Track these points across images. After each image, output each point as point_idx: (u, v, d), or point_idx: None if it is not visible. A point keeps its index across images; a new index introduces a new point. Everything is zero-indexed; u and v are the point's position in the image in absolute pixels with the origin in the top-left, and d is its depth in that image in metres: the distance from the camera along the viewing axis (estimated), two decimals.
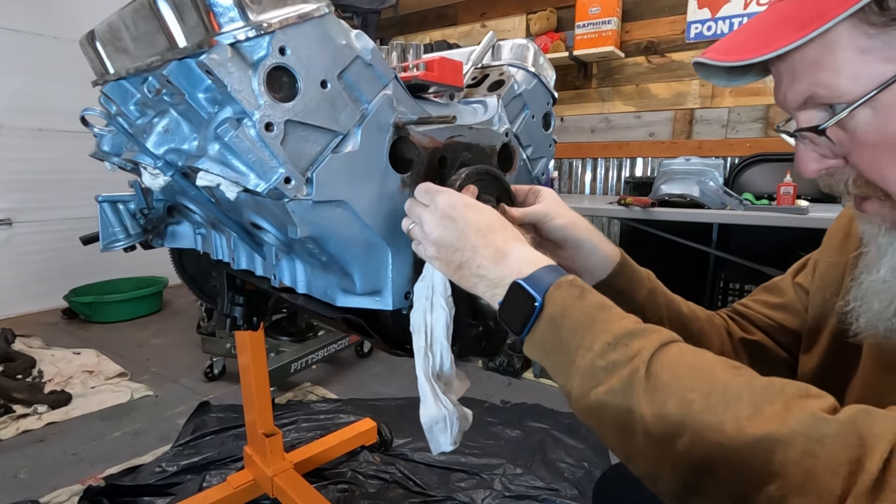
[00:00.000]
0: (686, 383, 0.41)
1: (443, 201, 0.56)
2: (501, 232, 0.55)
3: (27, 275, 3.45)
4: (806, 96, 0.47)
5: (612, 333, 0.46)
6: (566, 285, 0.49)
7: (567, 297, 0.49)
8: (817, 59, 0.44)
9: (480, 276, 0.53)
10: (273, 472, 1.51)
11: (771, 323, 0.74)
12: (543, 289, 0.49)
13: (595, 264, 0.68)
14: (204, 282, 1.22)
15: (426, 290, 0.60)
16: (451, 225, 0.55)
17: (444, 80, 0.68)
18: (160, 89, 0.54)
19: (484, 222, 0.55)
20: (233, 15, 0.46)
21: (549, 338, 0.49)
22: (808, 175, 0.52)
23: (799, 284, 0.73)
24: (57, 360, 2.61)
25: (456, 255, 0.54)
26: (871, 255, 0.54)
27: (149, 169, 0.59)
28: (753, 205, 2.22)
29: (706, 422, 0.39)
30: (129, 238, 0.93)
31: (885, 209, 0.49)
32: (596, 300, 0.49)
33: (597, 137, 3.26)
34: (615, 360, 0.44)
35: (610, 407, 0.43)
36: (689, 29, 2.86)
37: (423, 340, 0.59)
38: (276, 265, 0.69)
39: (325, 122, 0.52)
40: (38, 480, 1.72)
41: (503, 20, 3.49)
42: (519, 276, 0.51)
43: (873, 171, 0.47)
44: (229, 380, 2.46)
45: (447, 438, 0.57)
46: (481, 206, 0.57)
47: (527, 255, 0.53)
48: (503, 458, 1.79)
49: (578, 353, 0.46)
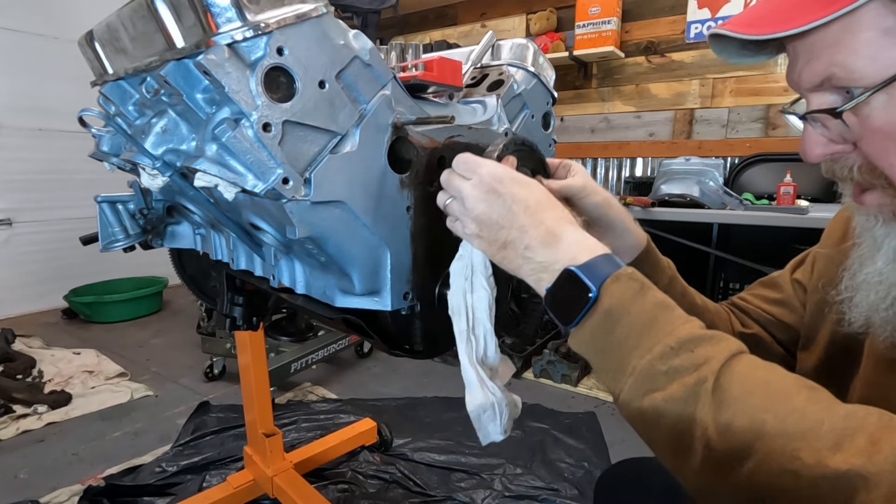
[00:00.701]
0: (758, 402, 0.38)
1: (487, 174, 0.52)
2: (552, 211, 0.51)
3: (27, 275, 3.45)
4: (822, 77, 0.45)
5: (675, 337, 0.43)
6: (626, 278, 0.46)
7: (626, 291, 0.46)
8: (838, 39, 0.43)
9: (527, 258, 0.50)
10: (273, 472, 1.51)
11: (768, 318, 0.74)
12: (600, 280, 0.46)
13: (623, 247, 0.67)
14: (204, 282, 1.22)
15: (465, 271, 0.56)
16: (496, 201, 0.51)
17: (443, 80, 0.68)
18: (158, 90, 0.54)
19: (533, 199, 0.51)
20: (230, 15, 0.46)
21: (602, 333, 0.46)
22: (813, 159, 0.50)
23: (797, 281, 0.72)
24: (57, 360, 2.61)
25: (501, 234, 0.51)
26: (865, 246, 0.54)
27: (147, 169, 0.59)
28: (753, 205, 2.22)
29: (780, 447, 0.36)
30: (129, 238, 0.93)
31: (887, 199, 0.48)
32: (658, 298, 0.46)
33: (597, 137, 3.26)
34: (678, 366, 0.42)
35: (668, 415, 0.41)
36: (689, 29, 2.86)
37: (464, 323, 0.55)
38: (275, 265, 0.69)
39: (324, 123, 0.52)
40: (38, 480, 1.72)
41: (503, 20, 3.49)
42: (572, 262, 0.48)
43: (882, 159, 0.45)
44: (229, 380, 2.46)
45: (496, 427, 0.53)
46: (529, 180, 0.53)
47: (581, 239, 0.49)
48: (503, 458, 1.79)
49: (634, 354, 0.44)
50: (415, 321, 0.67)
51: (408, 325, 0.67)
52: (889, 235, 0.50)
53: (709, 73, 2.86)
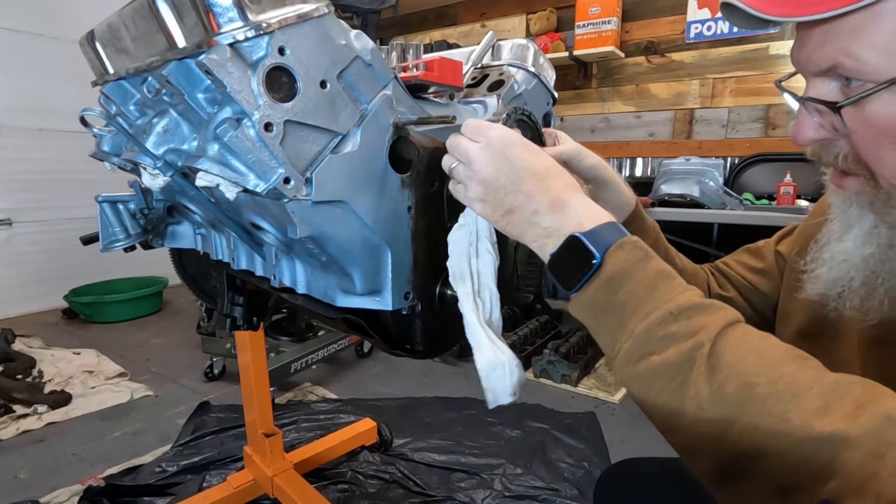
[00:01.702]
0: (751, 367, 0.40)
1: (497, 138, 0.52)
2: (560, 178, 0.51)
3: (27, 275, 3.45)
4: (831, 64, 0.45)
5: (674, 304, 0.44)
6: (630, 246, 0.47)
7: (630, 258, 0.46)
8: (857, 27, 0.42)
9: (533, 223, 0.50)
10: (273, 472, 1.51)
11: (747, 284, 0.76)
12: (604, 247, 0.47)
13: (615, 205, 0.70)
14: (204, 282, 1.22)
15: (468, 237, 0.56)
16: (504, 165, 0.51)
17: (443, 80, 0.68)
18: (160, 89, 0.54)
19: (542, 166, 0.51)
20: (232, 15, 0.46)
21: (603, 298, 0.47)
22: (803, 143, 0.51)
23: (779, 252, 0.74)
24: (57, 360, 2.61)
25: (508, 199, 0.51)
26: (836, 223, 0.55)
27: (148, 169, 0.59)
28: (753, 205, 2.22)
29: (768, 409, 0.38)
30: (129, 238, 0.93)
31: (867, 188, 0.49)
32: (660, 266, 0.47)
33: (597, 137, 3.26)
34: (675, 332, 0.43)
35: (662, 378, 0.42)
36: (689, 29, 2.86)
37: (469, 286, 0.55)
38: (276, 265, 0.69)
39: (325, 123, 0.52)
40: (38, 480, 1.72)
41: (503, 20, 3.50)
42: (578, 229, 0.48)
43: (870, 152, 0.46)
44: (229, 380, 2.46)
45: (505, 387, 0.52)
46: (538, 148, 0.53)
47: (587, 206, 0.50)
48: (503, 458, 1.79)
49: (634, 318, 0.45)
50: (415, 321, 0.67)
51: (408, 324, 0.67)
52: (861, 219, 0.52)
53: (709, 73, 2.86)
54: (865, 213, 0.51)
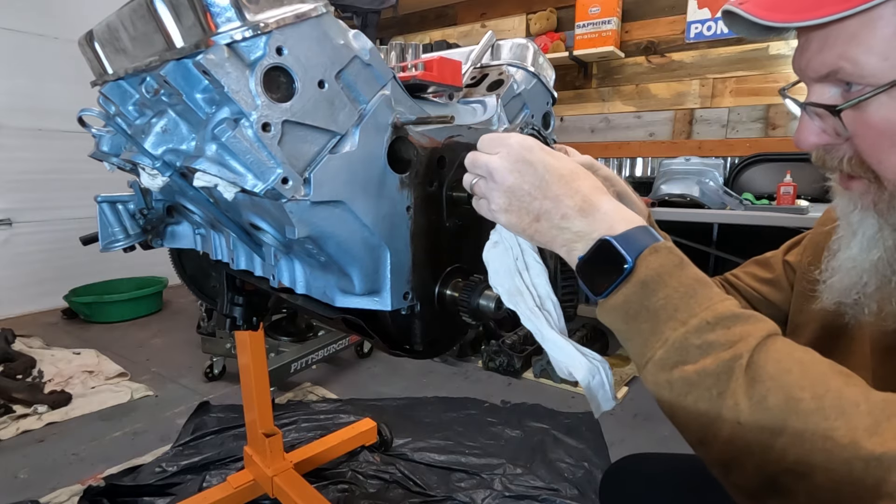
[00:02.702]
0: (794, 379, 0.39)
1: (517, 143, 0.51)
2: (586, 180, 0.50)
3: (27, 275, 3.45)
4: (830, 69, 0.45)
5: (712, 312, 0.43)
6: (665, 251, 0.46)
7: (665, 263, 0.45)
8: (855, 32, 0.43)
9: (562, 227, 0.49)
10: (273, 472, 1.51)
11: (756, 295, 0.76)
12: (637, 251, 0.45)
13: None
14: (203, 282, 1.22)
15: (510, 253, 0.55)
16: (528, 170, 0.50)
17: (442, 80, 0.68)
18: (158, 90, 0.54)
19: (567, 169, 0.50)
20: (230, 15, 0.46)
21: (635, 302, 0.45)
22: (806, 148, 0.51)
23: (788, 262, 0.74)
24: (57, 360, 2.61)
25: (534, 205, 0.50)
26: (842, 230, 0.55)
27: (147, 169, 0.59)
28: (753, 205, 2.22)
29: (814, 425, 0.37)
30: (129, 238, 0.93)
31: (872, 190, 0.49)
32: (696, 273, 0.46)
33: (597, 137, 3.26)
34: (713, 341, 0.41)
35: (698, 388, 0.41)
36: (689, 29, 2.86)
37: (530, 301, 0.53)
38: (275, 265, 0.69)
39: (323, 123, 0.52)
40: (38, 480, 1.72)
41: (503, 20, 3.49)
42: (609, 232, 0.47)
43: (872, 155, 0.46)
44: (229, 380, 2.46)
45: (607, 393, 0.50)
46: (559, 152, 0.52)
47: (618, 209, 0.49)
48: (503, 458, 1.79)
49: (668, 325, 0.43)
50: (415, 321, 0.67)
51: (408, 324, 0.67)
52: (863, 223, 0.52)
53: (709, 73, 2.86)
54: (867, 217, 0.51)
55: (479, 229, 0.73)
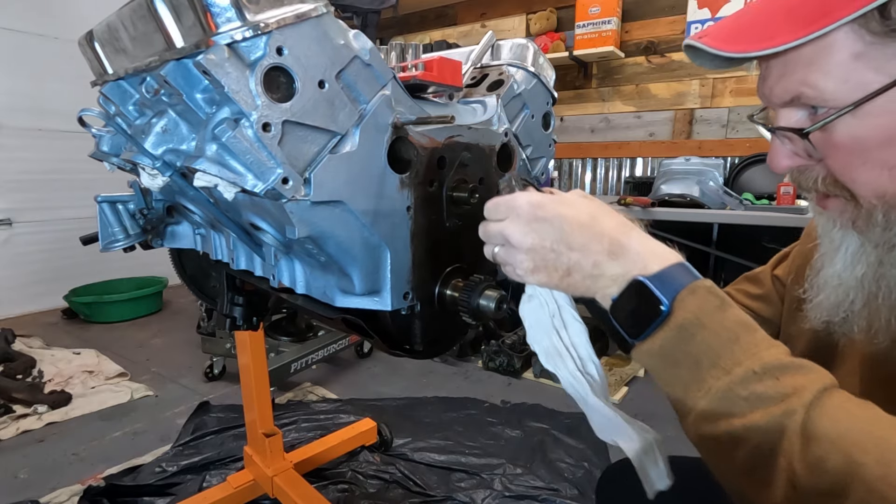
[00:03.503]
0: (855, 440, 0.36)
1: (526, 203, 0.49)
2: (609, 219, 0.48)
3: (27, 275, 3.45)
4: (793, 95, 0.47)
5: (759, 361, 0.40)
6: (704, 291, 0.44)
7: (704, 305, 0.43)
8: (811, 59, 0.44)
9: (596, 276, 0.47)
10: (273, 472, 1.51)
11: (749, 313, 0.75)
12: (673, 291, 0.43)
13: None
14: (204, 282, 1.22)
15: (545, 308, 0.52)
16: (545, 227, 0.48)
17: (442, 80, 0.68)
18: (158, 90, 0.54)
19: (584, 213, 0.48)
20: (230, 15, 0.46)
21: (673, 348, 0.43)
22: (780, 171, 0.52)
23: (777, 277, 0.75)
24: (57, 360, 2.61)
25: (562, 260, 0.47)
26: (824, 247, 0.55)
27: (147, 169, 0.59)
28: (753, 205, 2.22)
29: (881, 493, 0.34)
30: (129, 238, 0.93)
31: (849, 208, 0.49)
32: (738, 316, 0.43)
33: (597, 137, 3.26)
34: (761, 394, 0.39)
35: (746, 444, 0.39)
36: (689, 29, 2.86)
37: (571, 364, 0.51)
38: (275, 265, 0.69)
39: (323, 123, 0.52)
40: (38, 480, 1.72)
41: (503, 20, 3.49)
42: (643, 272, 0.45)
43: (844, 174, 0.47)
44: (229, 380, 2.46)
45: (661, 471, 0.47)
46: (571, 198, 0.50)
47: (649, 245, 0.47)
48: (503, 458, 1.79)
49: (711, 373, 0.41)
50: (415, 321, 0.67)
51: (408, 324, 0.67)
52: (845, 240, 0.52)
53: (709, 73, 2.86)
54: (849, 233, 0.51)
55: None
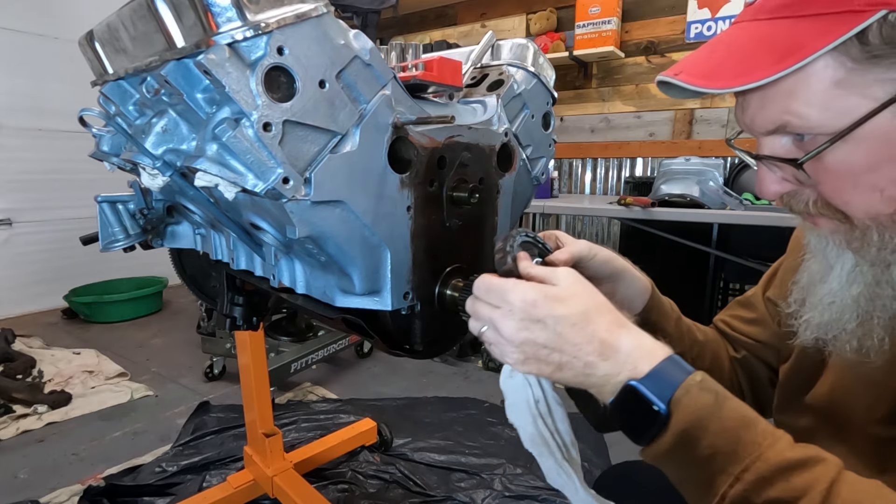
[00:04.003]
0: None
1: (520, 301, 0.47)
2: (600, 319, 0.47)
3: (27, 275, 3.45)
4: (777, 125, 0.47)
5: (767, 463, 0.41)
6: (696, 390, 0.43)
7: (700, 405, 0.42)
8: (791, 89, 0.44)
9: (588, 374, 0.47)
10: (273, 472, 1.51)
11: (749, 341, 0.75)
12: (668, 393, 0.43)
13: (634, 294, 0.67)
14: (204, 282, 1.22)
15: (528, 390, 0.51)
16: (537, 327, 0.47)
17: (443, 80, 0.68)
18: (159, 89, 0.54)
19: (577, 312, 0.47)
20: (230, 15, 0.46)
21: (681, 451, 0.43)
22: (770, 197, 0.52)
23: (769, 299, 0.73)
24: (57, 360, 2.61)
25: (553, 356, 0.47)
26: (815, 264, 0.55)
27: (147, 169, 0.59)
28: (753, 205, 2.22)
29: None
30: (129, 238, 0.93)
31: (842, 229, 0.49)
32: (735, 411, 0.43)
33: (597, 137, 3.26)
34: (775, 498, 0.40)
35: None
36: (689, 29, 2.86)
37: (558, 453, 0.51)
38: (276, 265, 0.69)
39: (324, 123, 0.52)
40: (38, 480, 1.72)
41: (503, 20, 3.49)
42: (633, 374, 0.45)
43: (836, 197, 0.47)
44: (229, 380, 2.46)
45: None
46: (565, 292, 0.48)
47: (639, 345, 0.46)
48: (503, 458, 1.79)
49: (721, 478, 0.41)
50: (415, 321, 0.67)
51: (408, 324, 0.67)
52: (840, 258, 0.52)
53: None
54: (843, 252, 0.51)
55: (479, 229, 0.73)
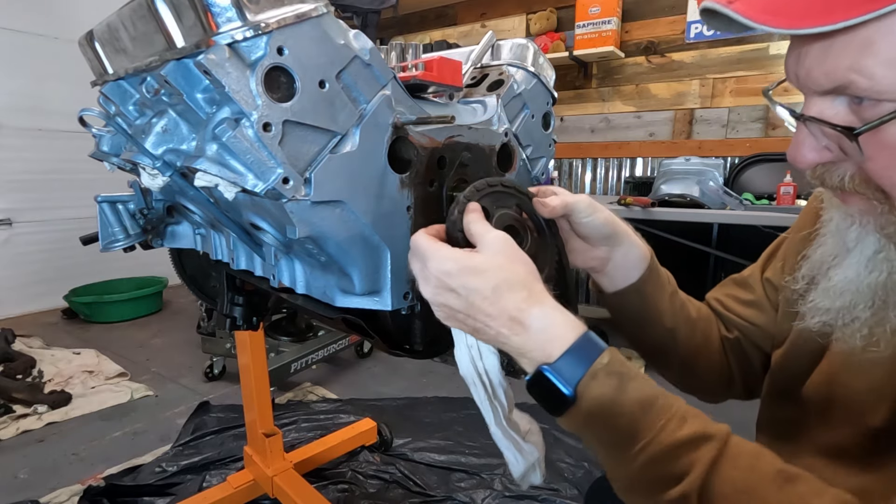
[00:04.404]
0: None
1: (435, 270, 0.49)
2: (510, 294, 0.47)
3: (27, 275, 3.45)
4: (838, 83, 0.39)
5: (660, 445, 0.43)
6: (603, 375, 0.45)
7: (604, 390, 0.45)
8: (868, 42, 0.36)
9: (501, 342, 0.49)
10: (273, 472, 1.51)
11: (743, 323, 0.72)
12: (575, 379, 0.45)
13: (631, 263, 0.65)
14: (204, 282, 1.22)
15: (463, 337, 0.54)
16: (450, 294, 0.48)
17: (443, 80, 0.68)
18: (158, 90, 0.54)
19: (490, 286, 0.47)
20: (230, 15, 0.46)
21: (588, 431, 0.47)
22: (803, 166, 0.46)
23: (768, 280, 0.70)
24: (57, 360, 2.61)
25: (468, 322, 0.49)
26: (830, 244, 0.52)
27: (147, 169, 0.59)
28: (753, 205, 2.22)
29: None
30: (129, 238, 0.93)
31: (877, 211, 0.44)
32: (636, 395, 0.45)
33: (597, 137, 3.26)
34: (662, 477, 0.43)
35: None
36: (689, 29, 2.86)
37: (483, 391, 0.54)
38: (276, 265, 0.69)
39: (324, 123, 0.52)
40: (38, 480, 1.72)
41: (503, 20, 3.49)
42: (544, 359, 0.46)
43: (885, 177, 0.41)
44: (229, 380, 2.46)
45: (537, 476, 0.56)
46: (484, 263, 0.48)
47: (546, 326, 0.47)
48: (503, 458, 1.79)
49: (620, 459, 0.45)
50: (415, 321, 0.67)
51: (408, 324, 0.67)
52: (861, 242, 0.47)
53: (709, 73, 2.86)
54: (867, 235, 0.47)
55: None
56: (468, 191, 0.56)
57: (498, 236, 0.50)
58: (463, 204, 0.54)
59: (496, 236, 0.50)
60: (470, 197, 0.55)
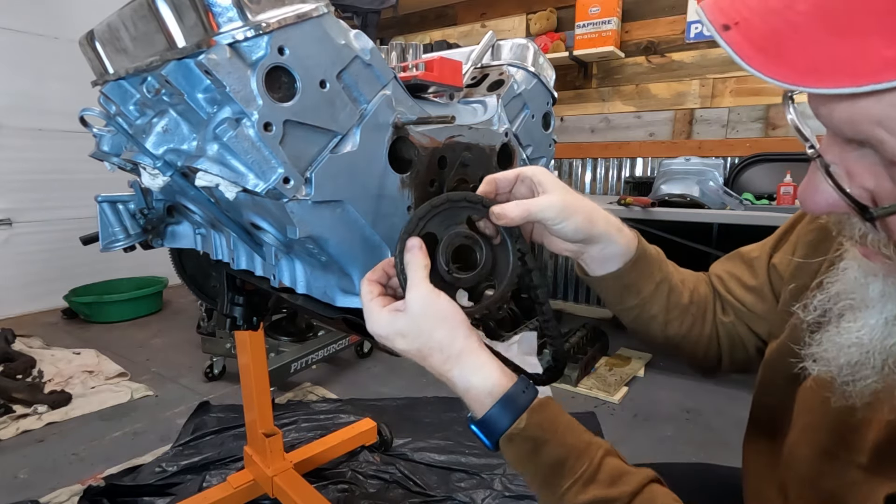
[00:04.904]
0: None
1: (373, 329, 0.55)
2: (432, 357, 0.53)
3: (27, 275, 3.45)
4: (864, 138, 0.32)
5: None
6: (519, 440, 0.50)
7: (519, 453, 0.50)
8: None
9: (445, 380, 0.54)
10: (273, 472, 1.51)
11: (742, 308, 0.70)
12: (495, 437, 0.51)
13: (608, 257, 0.64)
14: (204, 282, 1.22)
15: None
16: (391, 344, 0.54)
17: (443, 80, 0.68)
18: (159, 89, 0.54)
19: (414, 349, 0.53)
20: (231, 15, 0.46)
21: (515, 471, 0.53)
22: (814, 213, 0.40)
23: (774, 267, 0.67)
24: (57, 360, 2.61)
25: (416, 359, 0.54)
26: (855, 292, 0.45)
27: (148, 169, 0.59)
28: (753, 205, 2.22)
29: None
30: (129, 238, 0.93)
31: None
32: (547, 459, 0.50)
33: (597, 137, 3.26)
34: None
35: None
36: (689, 29, 2.86)
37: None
38: (276, 265, 0.69)
39: (324, 122, 0.52)
40: (38, 480, 1.72)
41: (503, 20, 3.50)
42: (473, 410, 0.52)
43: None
44: (229, 380, 2.46)
45: None
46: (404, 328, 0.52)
47: (468, 387, 0.52)
48: (503, 458, 1.79)
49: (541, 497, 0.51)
50: None
51: None
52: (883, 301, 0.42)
53: (709, 73, 2.86)
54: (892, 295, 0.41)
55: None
56: (411, 220, 0.54)
57: (419, 297, 0.52)
58: (402, 241, 0.53)
59: (417, 297, 0.52)
60: (410, 230, 0.53)
